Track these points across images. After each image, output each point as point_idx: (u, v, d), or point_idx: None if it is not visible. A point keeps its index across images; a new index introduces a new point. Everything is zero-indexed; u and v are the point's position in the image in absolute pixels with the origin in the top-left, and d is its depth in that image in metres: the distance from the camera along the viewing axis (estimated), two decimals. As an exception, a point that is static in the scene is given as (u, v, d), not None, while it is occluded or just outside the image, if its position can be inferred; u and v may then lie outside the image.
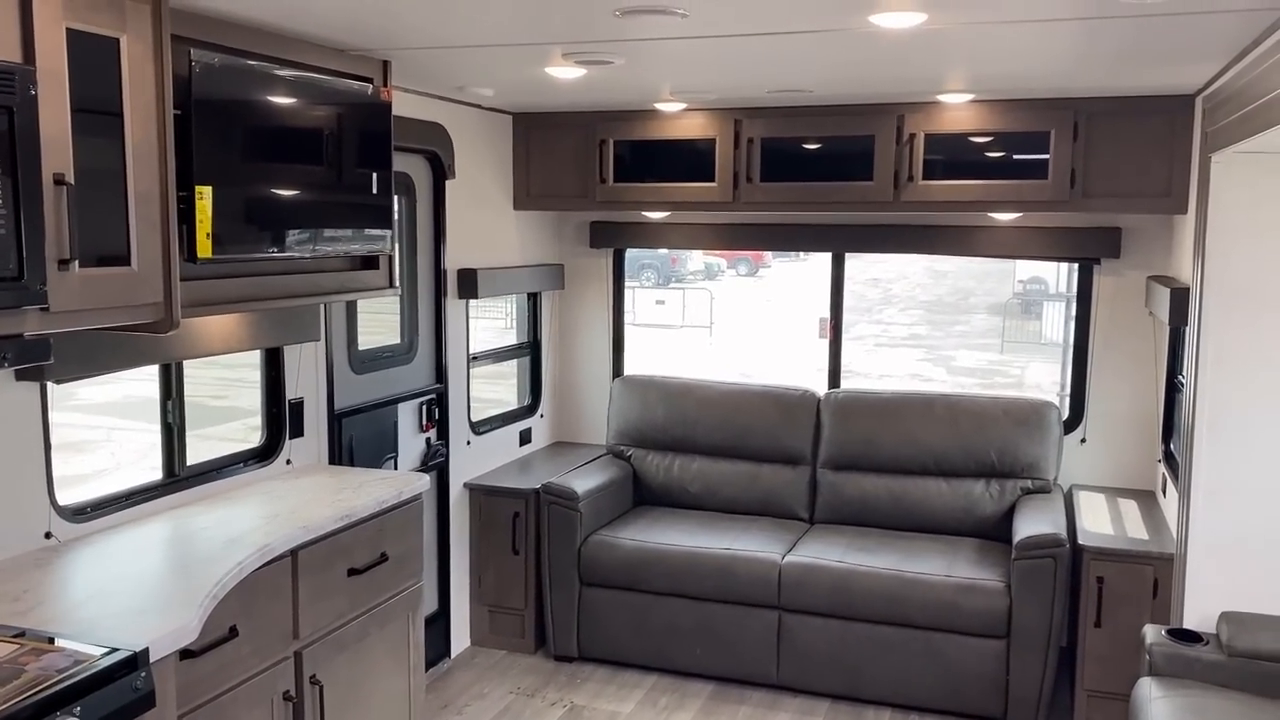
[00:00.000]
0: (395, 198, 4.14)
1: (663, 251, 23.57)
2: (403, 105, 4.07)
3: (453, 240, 4.60)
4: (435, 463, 4.58)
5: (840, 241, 5.09)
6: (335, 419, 3.89)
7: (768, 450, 5.04)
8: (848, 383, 5.35)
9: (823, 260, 5.35)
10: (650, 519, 4.92)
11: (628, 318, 5.72)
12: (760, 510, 5.02)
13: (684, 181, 4.81)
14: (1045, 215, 4.72)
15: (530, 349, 5.46)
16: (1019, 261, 19.19)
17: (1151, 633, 3.41)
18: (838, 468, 4.96)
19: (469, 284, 4.66)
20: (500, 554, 4.82)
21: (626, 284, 5.73)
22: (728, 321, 19.23)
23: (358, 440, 4.03)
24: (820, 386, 5.22)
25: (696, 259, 21.78)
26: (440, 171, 4.49)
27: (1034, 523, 4.23)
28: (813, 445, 5.01)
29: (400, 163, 4.21)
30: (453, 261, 4.63)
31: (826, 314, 5.32)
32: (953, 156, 4.48)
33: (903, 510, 4.82)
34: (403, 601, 3.46)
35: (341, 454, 3.95)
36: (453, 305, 4.66)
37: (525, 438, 5.37)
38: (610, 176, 4.89)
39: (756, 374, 13.69)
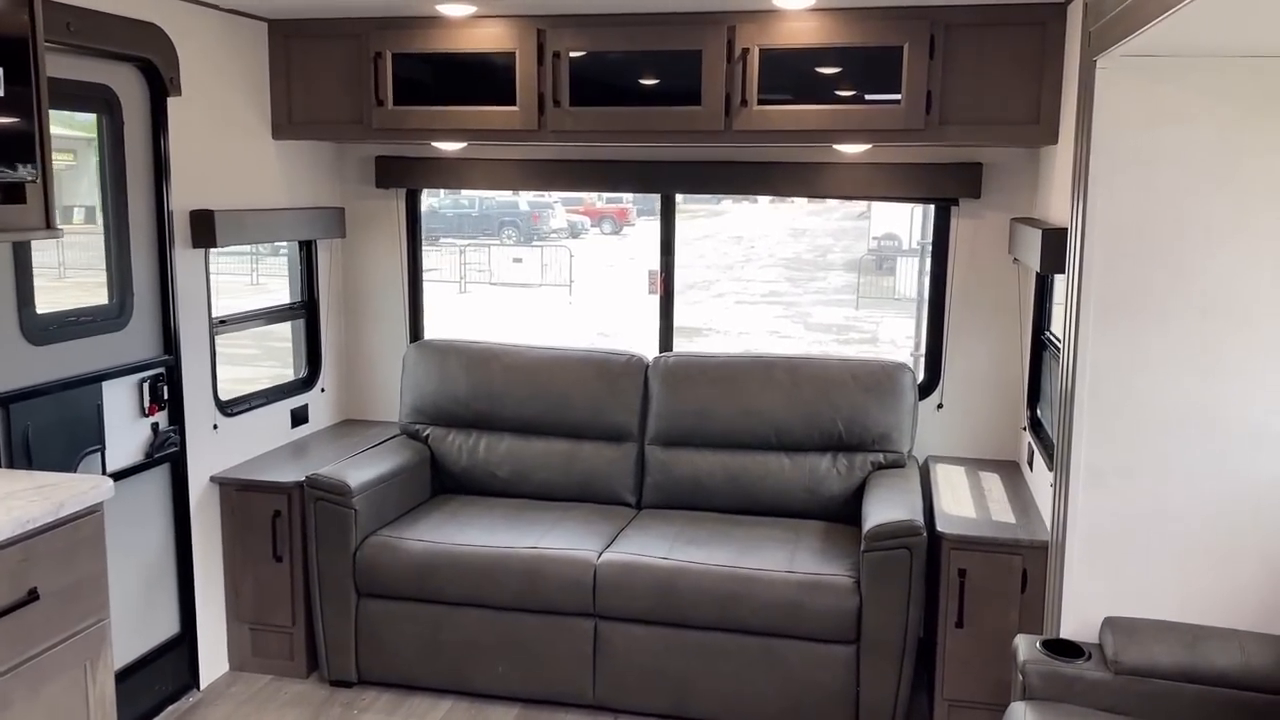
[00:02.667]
0: (77, 112, 3.23)
1: (524, 207, 23.00)
2: (96, -4, 3.15)
3: (182, 175, 3.67)
4: (165, 454, 3.67)
5: (667, 181, 4.36)
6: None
7: (588, 425, 4.30)
8: (703, 342, 4.66)
9: (694, 220, 4.61)
10: (448, 512, 4.12)
11: (485, 276, 4.87)
12: (580, 495, 4.28)
13: (479, 105, 3.98)
14: (898, 150, 4.08)
15: (305, 310, 4.56)
16: (874, 218, 19.28)
17: (1024, 646, 2.82)
18: (668, 444, 4.26)
19: (205, 230, 3.73)
20: (259, 561, 3.95)
21: (486, 240, 4.89)
22: (588, 281, 18.65)
23: (38, 432, 3.09)
24: (652, 350, 4.50)
25: (560, 216, 21.12)
26: (159, 87, 3.53)
27: (885, 506, 3.62)
28: (640, 418, 4.30)
29: (91, 69, 3.27)
30: (183, 202, 3.70)
31: (656, 267, 4.59)
32: (792, 77, 3.78)
33: (740, 490, 4.16)
34: (72, 650, 2.59)
35: (12, 451, 3.02)
36: (186, 256, 3.73)
37: (300, 417, 4.48)
38: (389, 98, 4.02)
39: (615, 335, 13.15)
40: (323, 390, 4.63)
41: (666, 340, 4.58)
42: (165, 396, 3.65)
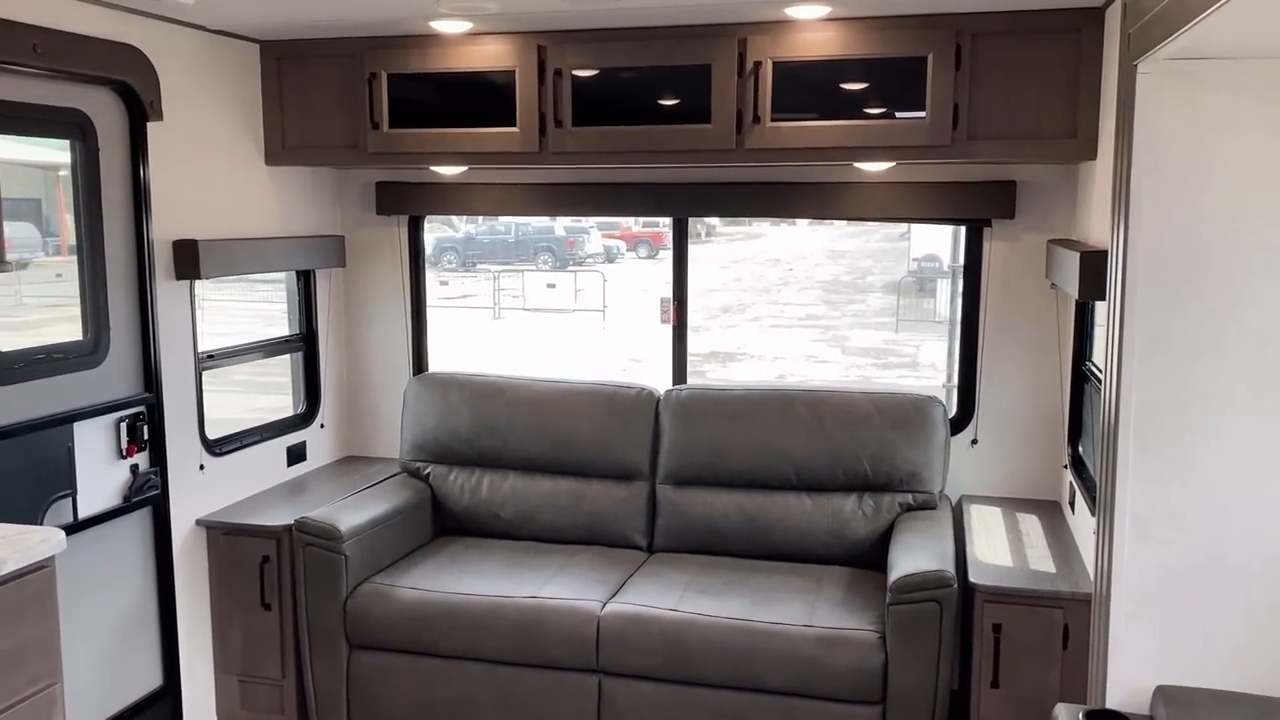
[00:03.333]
0: (47, 138, 3.07)
1: (560, 232, 22.92)
2: (76, 19, 3.06)
3: (165, 203, 3.49)
4: (145, 497, 3.47)
5: (678, 203, 4.12)
6: (-51, 451, 2.76)
7: (596, 463, 4.05)
8: (737, 368, 4.39)
9: (730, 243, 4.37)
10: (447, 557, 3.89)
11: (518, 301, 4.69)
12: (588, 537, 4.04)
13: (478, 127, 3.77)
14: (925, 169, 3.82)
15: (304, 342, 4.36)
16: (914, 239, 18.96)
17: (1066, 717, 2.52)
18: (681, 483, 4.00)
19: (188, 260, 3.55)
20: (248, 609, 3.74)
21: (522, 266, 4.69)
22: (622, 306, 18.54)
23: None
24: (665, 382, 4.26)
25: (595, 241, 21.06)
26: (138, 111, 3.36)
27: (913, 553, 3.33)
28: (651, 456, 4.04)
29: (61, 93, 3.10)
30: (165, 231, 3.52)
31: (669, 294, 4.35)
32: (808, 92, 3.54)
33: (758, 533, 3.89)
34: (17, 718, 2.37)
35: (-31, 498, 2.83)
36: (169, 289, 3.55)
37: (297, 455, 4.28)
38: (384, 121, 3.82)
39: (648, 360, 12.92)
40: (322, 426, 4.43)
41: (680, 372, 4.33)
42: (145, 437, 3.45)
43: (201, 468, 3.73)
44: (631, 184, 4.12)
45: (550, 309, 18.49)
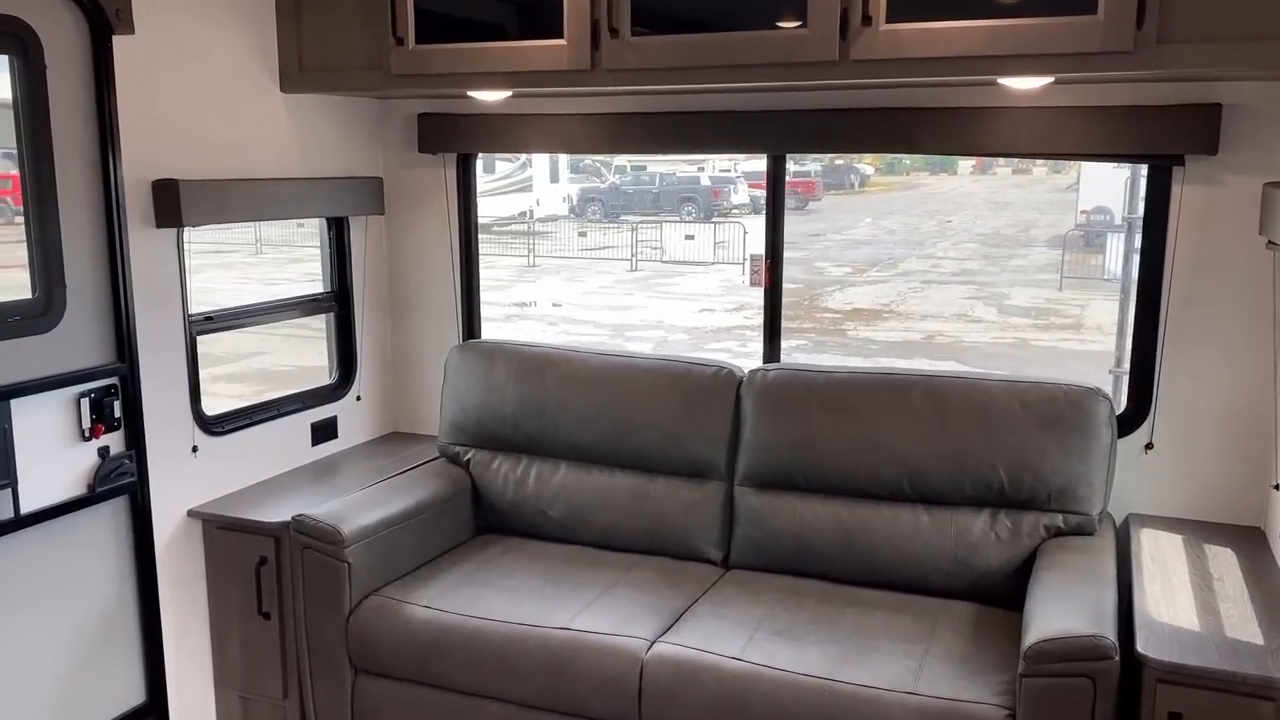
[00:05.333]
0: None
1: (705, 182, 22.16)
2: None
3: (143, 136, 2.92)
4: (116, 485, 2.93)
5: (768, 137, 3.29)
6: None
7: (663, 456, 3.32)
8: (882, 327, 3.63)
9: (887, 193, 3.54)
10: (479, 564, 3.24)
11: (656, 254, 3.99)
12: (650, 546, 3.32)
13: (519, 40, 3.04)
14: (1096, 88, 2.89)
15: (336, 302, 3.76)
16: (1083, 189, 17.39)
17: None
18: (764, 485, 3.23)
19: (169, 203, 2.97)
20: (245, 617, 3.19)
21: (666, 217, 3.99)
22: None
23: (-99, 467, 2.39)
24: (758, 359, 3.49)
25: (742, 192, 20.27)
26: (101, 23, 2.77)
27: (1059, 604, 2.48)
28: (728, 451, 3.28)
29: (3, 1, 2.52)
30: (143, 170, 2.94)
31: (761, 250, 3.54)
32: (937, -18, 2.66)
33: (859, 554, 3.09)
34: None
35: None
36: (148, 239, 2.98)
37: (325, 432, 3.70)
38: (410, 34, 3.14)
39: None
40: (359, 399, 3.83)
41: (772, 346, 3.53)
42: (116, 414, 2.91)
43: (195, 450, 3.18)
44: (710, 113, 3.33)
45: (688, 261, 17.82)
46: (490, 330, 3.95)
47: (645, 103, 3.41)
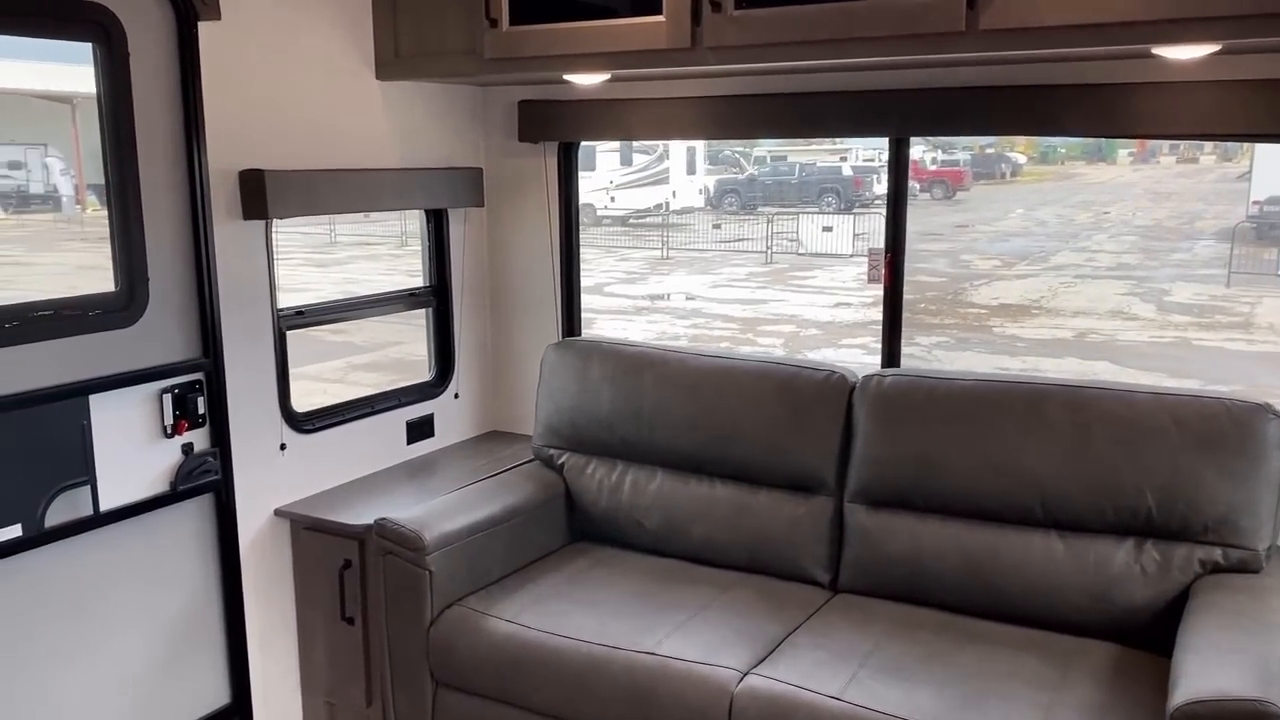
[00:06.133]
0: (60, 41, 2.45)
1: (848, 172, 21.61)
2: None
3: (230, 126, 2.84)
4: (200, 484, 2.87)
5: (890, 118, 2.99)
6: (-104, 432, 2.22)
7: (765, 467, 3.08)
8: (1030, 324, 3.38)
9: (1040, 183, 3.23)
10: (567, 576, 3.06)
11: (795, 247, 3.80)
12: (751, 563, 3.08)
13: (615, 19, 2.83)
14: (1269, 59, 2.50)
15: (435, 297, 3.64)
16: (1255, 178, 16.15)
17: None
18: (877, 503, 2.95)
19: (255, 195, 2.88)
20: (329, 621, 3.10)
21: (805, 209, 3.79)
22: (908, 251, 17.05)
23: (-25, 463, 2.36)
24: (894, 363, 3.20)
25: (886, 181, 19.70)
26: (187, 9, 2.69)
27: (1215, 658, 2.13)
28: (838, 464, 3.00)
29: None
30: (229, 160, 2.86)
31: (881, 244, 3.25)
32: (1082, -62, 2.32)
33: (983, 583, 2.77)
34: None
35: (-68, 489, 2.30)
36: (236, 231, 2.90)
37: (421, 430, 3.59)
38: (504, 16, 2.97)
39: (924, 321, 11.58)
40: (456, 396, 3.71)
41: (890, 349, 3.23)
42: (200, 411, 2.84)
43: (283, 447, 3.11)
44: (825, 94, 3.05)
45: (825, 254, 17.38)
46: (618, 324, 3.77)
47: (754, 84, 3.16)
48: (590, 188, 21.27)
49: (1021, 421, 2.75)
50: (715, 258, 17.97)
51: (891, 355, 3.22)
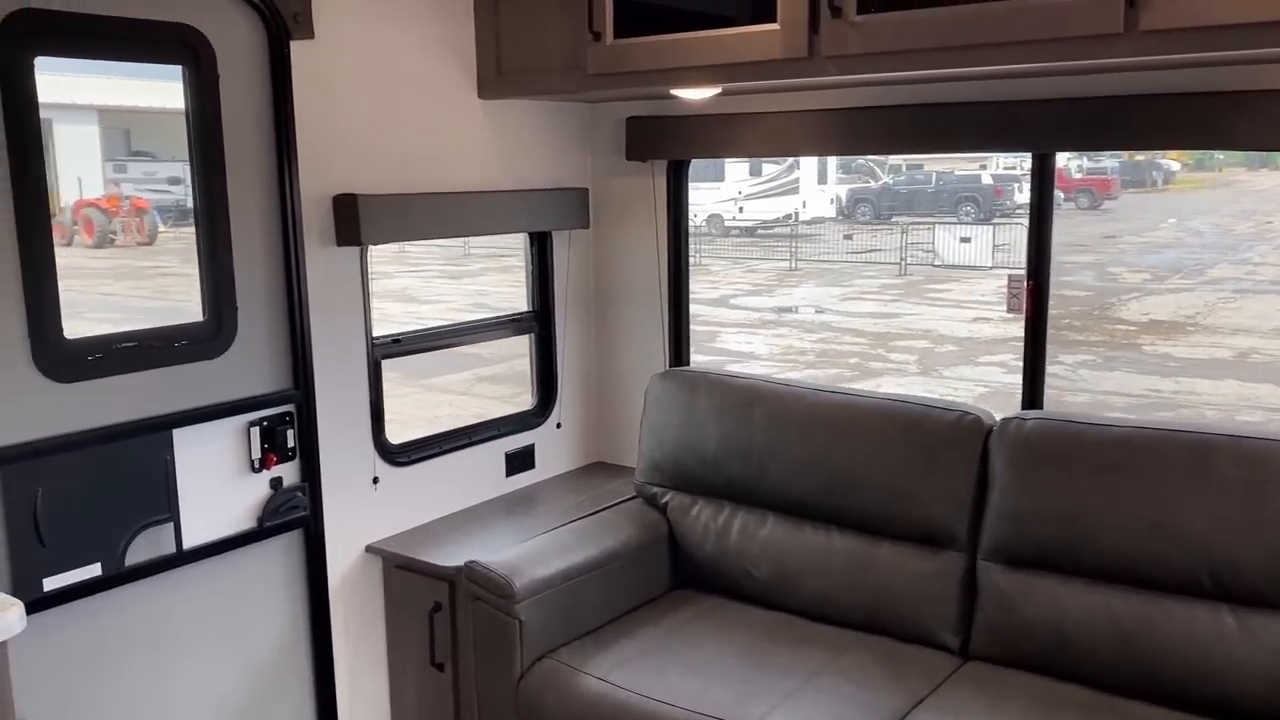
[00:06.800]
0: (150, 64, 2.38)
1: (987, 180, 20.84)
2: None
3: (323, 148, 2.73)
4: (289, 520, 2.76)
5: (1033, 131, 2.68)
6: (-28, 469, 2.16)
7: (888, 517, 2.79)
8: (1184, 344, 3.08)
9: (1195, 190, 2.92)
10: (668, 629, 2.84)
11: (930, 258, 3.58)
12: (870, 622, 2.79)
13: (726, 28, 2.61)
14: None
15: (537, 323, 3.48)
16: None
17: None
18: (1015, 563, 2.63)
19: (348, 220, 2.77)
20: (419, 665, 2.96)
21: (942, 219, 3.57)
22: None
23: (54, 499, 2.28)
24: (1060, 399, 2.88)
25: (1028, 190, 18.93)
26: (278, 27, 2.60)
27: None
28: (972, 515, 2.70)
29: (166, 6, 2.40)
30: (323, 185, 2.75)
31: (1022, 270, 2.92)
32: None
33: (1136, 660, 2.43)
34: None
35: (11, 529, 2.23)
36: (328, 258, 2.79)
37: (521, 461, 3.43)
38: (608, 28, 2.78)
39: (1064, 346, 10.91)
40: (559, 426, 3.54)
41: (1033, 388, 2.90)
42: (290, 444, 2.74)
43: (376, 481, 2.98)
44: (959, 105, 2.75)
45: (963, 265, 16.73)
46: (743, 337, 3.55)
47: (879, 95, 2.89)
48: (718, 199, 21.11)
49: (1185, 476, 2.40)
50: (846, 269, 17.53)
51: (1034, 395, 2.89)
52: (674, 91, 2.91)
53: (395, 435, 3.08)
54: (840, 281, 16.44)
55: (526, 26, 3.00)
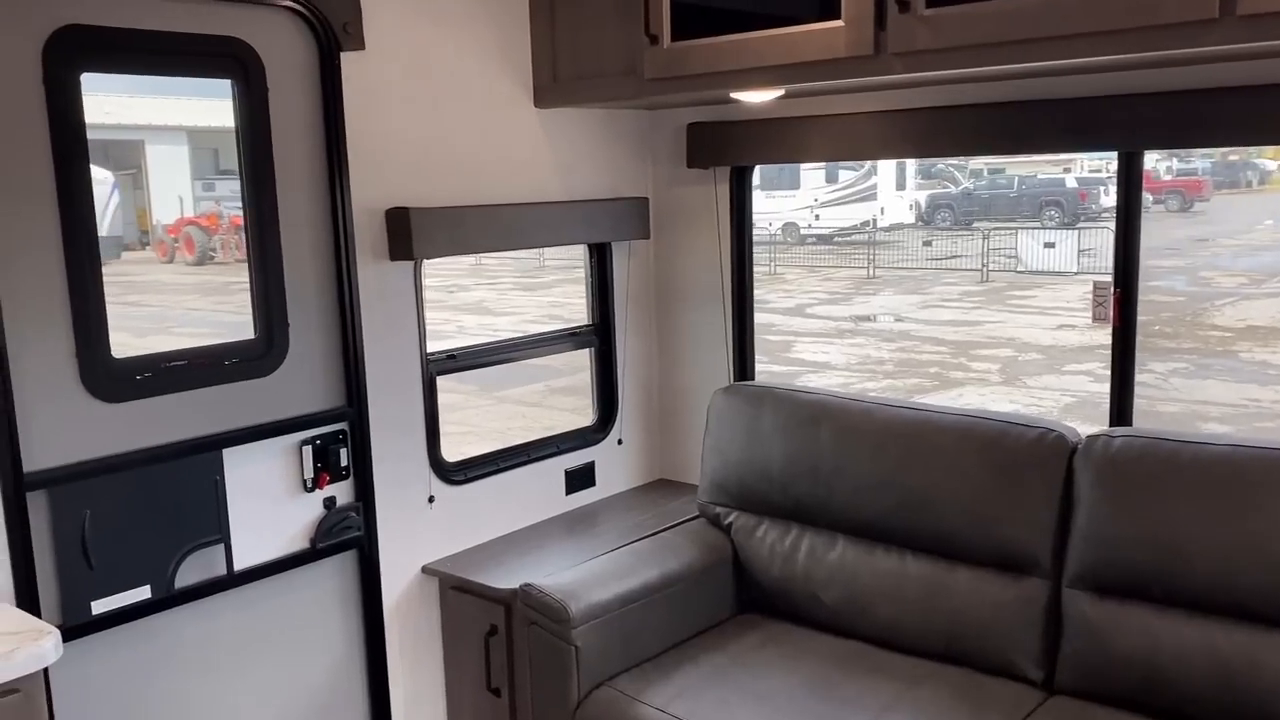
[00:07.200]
0: (200, 78, 2.36)
1: (1071, 184, 20.28)
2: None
3: (376, 162, 2.68)
4: (342, 540, 2.71)
5: (1117, 128, 2.50)
6: (20, 492, 2.13)
7: (965, 541, 2.63)
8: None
9: None
10: (731, 656, 2.71)
11: (1013, 264, 3.45)
12: (947, 652, 2.63)
13: (787, 26, 2.49)
14: None
15: (597, 336, 3.39)
16: None
17: None
18: (1104, 590, 2.44)
19: (401, 234, 2.71)
20: (475, 690, 2.87)
21: (1024, 224, 3.45)
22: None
23: (103, 521, 2.25)
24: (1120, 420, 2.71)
25: (1114, 192, 18.41)
26: (328, 39, 2.55)
27: None
28: (1056, 540, 2.52)
29: (214, 19, 2.37)
30: (375, 198, 2.70)
31: (1109, 278, 2.74)
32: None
33: (1241, 699, 2.23)
34: None
35: (58, 550, 2.20)
36: (380, 273, 2.73)
37: (581, 479, 3.34)
38: (665, 31, 2.68)
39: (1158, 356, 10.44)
40: (620, 442, 3.44)
41: (1120, 405, 2.71)
42: (343, 463, 2.69)
43: (431, 500, 2.91)
44: (1037, 103, 2.59)
45: (1047, 271, 16.26)
46: (818, 347, 3.43)
47: (950, 94, 2.73)
48: (794, 206, 20.88)
49: (1293, 499, 2.20)
50: (925, 276, 17.18)
51: (1122, 406, 2.70)
52: (734, 95, 2.79)
53: (468, 448, 3.02)
54: (919, 289, 16.11)
55: (583, 32, 2.92)
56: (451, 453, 3.00)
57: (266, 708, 2.61)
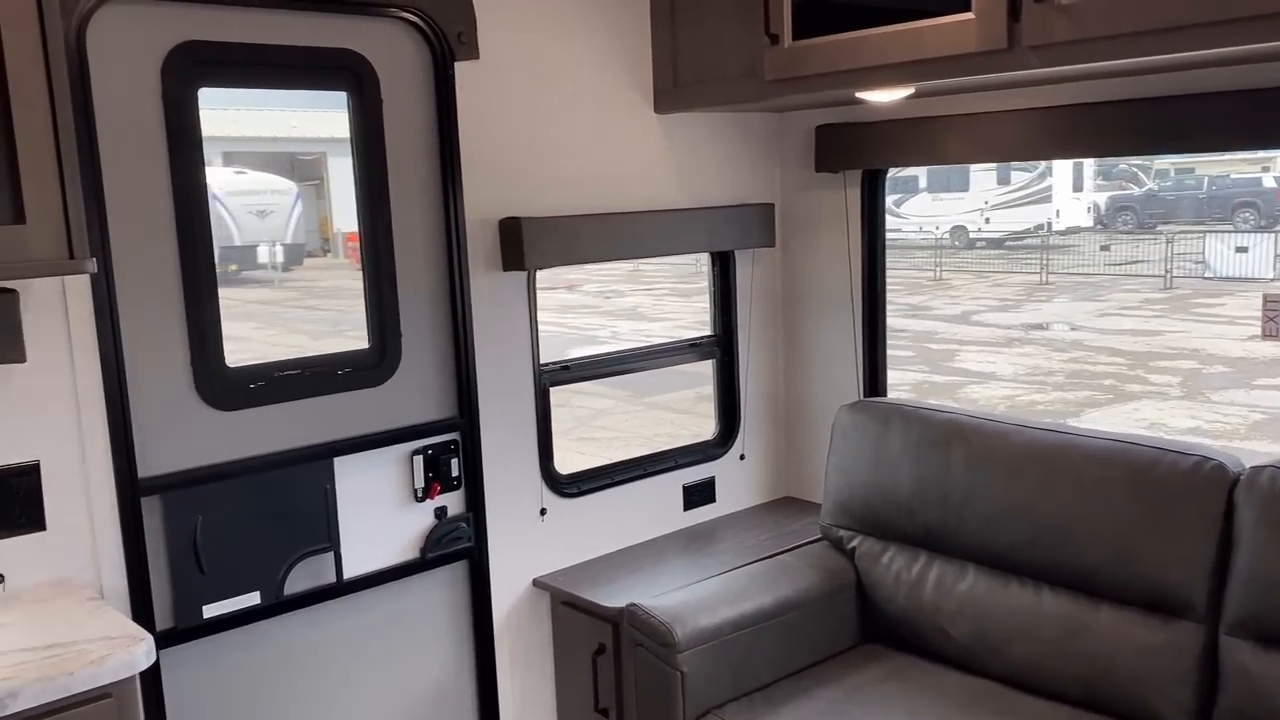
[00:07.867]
0: (316, 91, 2.39)
1: (1270, 184, 18.85)
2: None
3: (490, 172, 2.66)
4: (452, 551, 2.69)
5: (1290, 120, 2.23)
6: (134, 497, 2.19)
7: (1109, 578, 2.39)
8: None
9: None
10: (848, 691, 2.55)
11: (1200, 270, 3.30)
12: (1087, 697, 2.40)
13: (914, 21, 2.33)
14: None
15: (719, 348, 3.29)
16: None
17: None
18: (1269, 640, 2.18)
19: (514, 245, 2.67)
20: (584, 709, 2.81)
21: (1212, 227, 3.27)
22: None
23: (214, 528, 2.30)
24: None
25: (1320, 192, 17.28)
26: (442, 49, 2.54)
27: None
28: (1212, 580, 2.26)
29: (328, 31, 2.40)
30: (488, 208, 2.68)
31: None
32: None
33: None
34: None
35: (171, 556, 2.26)
36: (493, 283, 2.71)
37: (701, 495, 3.24)
38: (786, 30, 2.56)
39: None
40: (742, 458, 3.32)
41: (1294, 431, 2.41)
42: (455, 473, 2.67)
43: (543, 512, 2.87)
44: (1196, 96, 2.33)
45: (1238, 278, 15.12)
46: (985, 356, 3.24)
47: (1097, 89, 2.50)
48: (962, 209, 20.16)
49: None
50: (1103, 282, 16.26)
51: (1295, 437, 2.41)
52: (860, 95, 2.64)
53: (612, 453, 2.98)
54: (1096, 295, 15.25)
55: (704, 35, 2.82)
56: (598, 457, 2.94)
57: (374, 716, 2.62)
